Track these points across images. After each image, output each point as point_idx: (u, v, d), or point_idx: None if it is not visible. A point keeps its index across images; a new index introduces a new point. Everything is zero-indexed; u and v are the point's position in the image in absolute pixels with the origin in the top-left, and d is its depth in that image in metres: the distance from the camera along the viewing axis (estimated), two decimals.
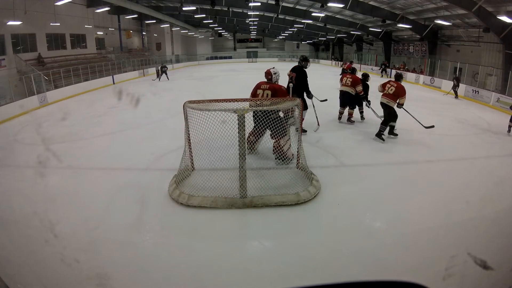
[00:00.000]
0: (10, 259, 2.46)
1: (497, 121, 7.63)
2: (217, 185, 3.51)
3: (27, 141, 6.40)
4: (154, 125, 7.17)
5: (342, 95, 6.71)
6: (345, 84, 6.58)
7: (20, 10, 12.50)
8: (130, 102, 9.88)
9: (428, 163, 4.78)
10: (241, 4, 17.97)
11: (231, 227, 3.10)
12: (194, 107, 3.63)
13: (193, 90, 12.26)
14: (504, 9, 10.07)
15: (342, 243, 2.81)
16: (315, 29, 24.75)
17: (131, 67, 19.63)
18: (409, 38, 18.28)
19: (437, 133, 6.08)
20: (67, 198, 3.64)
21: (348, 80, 6.53)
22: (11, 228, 3.07)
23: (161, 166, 4.57)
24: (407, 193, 3.77)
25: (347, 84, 6.53)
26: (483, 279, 1.65)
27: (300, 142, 4.08)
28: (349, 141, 5.73)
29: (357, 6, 14.33)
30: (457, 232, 2.92)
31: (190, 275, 2.42)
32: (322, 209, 3.35)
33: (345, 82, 6.58)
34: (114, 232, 2.97)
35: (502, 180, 4.10)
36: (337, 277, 2.31)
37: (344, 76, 6.77)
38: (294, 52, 36.84)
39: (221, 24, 28.49)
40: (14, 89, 10.62)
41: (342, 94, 6.70)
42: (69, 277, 2.31)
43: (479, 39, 12.87)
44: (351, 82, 6.50)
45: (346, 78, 6.61)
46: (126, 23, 23.12)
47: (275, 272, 2.43)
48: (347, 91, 6.54)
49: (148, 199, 3.57)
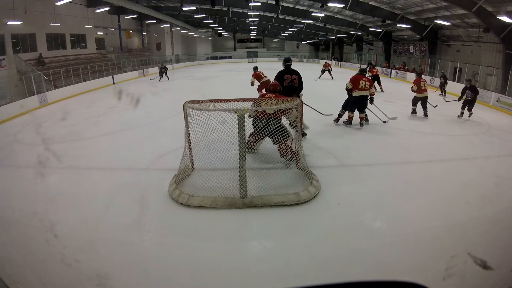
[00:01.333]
0: (10, 259, 2.46)
1: (497, 121, 7.63)
2: (217, 185, 3.52)
3: (27, 141, 6.40)
4: (154, 125, 7.17)
5: (362, 100, 6.22)
6: (363, 88, 6.13)
7: (20, 10, 12.51)
8: (130, 102, 9.88)
9: (428, 163, 4.78)
10: (241, 4, 17.98)
11: (231, 227, 3.10)
12: (194, 107, 3.63)
13: (193, 90, 12.26)
14: (504, 9, 10.06)
15: (342, 243, 2.81)
16: (315, 29, 24.75)
17: (131, 67, 19.62)
18: (409, 38, 18.28)
19: (437, 133, 6.08)
20: (67, 198, 3.64)
21: (367, 83, 6.17)
22: (11, 228, 3.07)
23: (161, 166, 4.57)
24: (407, 193, 3.77)
25: (366, 87, 6.15)
26: (483, 279, 1.65)
27: (300, 142, 4.08)
28: (349, 141, 5.73)
29: (357, 6, 14.34)
30: (457, 232, 2.92)
31: (190, 275, 2.42)
32: (322, 209, 3.35)
33: (364, 85, 6.13)
34: (114, 232, 2.97)
35: (502, 180, 4.10)
36: (337, 277, 2.31)
37: (360, 79, 6.21)
38: (294, 52, 36.84)
39: (221, 24, 28.48)
40: (14, 89, 10.61)
41: (361, 98, 6.21)
42: (69, 277, 2.31)
43: (479, 39, 12.87)
44: (369, 85, 6.19)
45: (364, 81, 6.18)
46: (126, 23, 23.12)
47: (275, 272, 2.43)
48: (366, 95, 6.20)
49: (148, 199, 3.57)
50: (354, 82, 6.23)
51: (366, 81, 6.20)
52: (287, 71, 5.28)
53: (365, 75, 6.42)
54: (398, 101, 9.38)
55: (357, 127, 6.47)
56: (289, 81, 5.18)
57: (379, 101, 8.90)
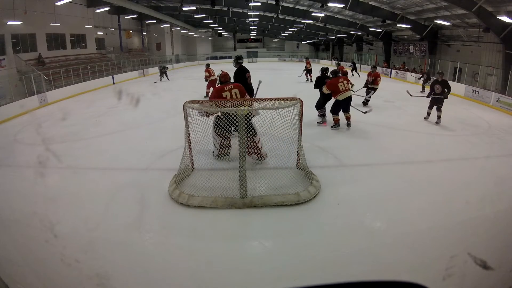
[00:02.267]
0: (10, 259, 2.46)
1: (497, 121, 7.63)
2: (217, 185, 3.52)
3: (27, 141, 6.40)
4: (154, 125, 7.16)
5: (346, 102, 6.10)
6: (345, 89, 6.01)
7: (20, 10, 12.51)
8: (130, 102, 9.87)
9: (428, 163, 4.78)
10: (241, 4, 17.97)
11: (231, 227, 3.10)
12: (194, 107, 3.64)
13: (193, 90, 12.25)
14: (504, 9, 10.06)
15: (342, 243, 2.81)
16: (315, 29, 24.74)
17: (131, 67, 19.62)
18: (409, 38, 18.27)
19: (437, 133, 6.08)
20: (67, 198, 3.65)
21: (345, 83, 6.06)
22: (11, 228, 3.08)
23: (161, 166, 4.57)
24: (407, 193, 3.77)
25: (347, 88, 6.06)
26: (483, 279, 1.65)
27: (300, 142, 4.08)
28: (349, 141, 5.73)
29: (357, 6, 14.32)
30: (457, 232, 2.92)
31: (190, 275, 2.42)
32: (322, 209, 3.35)
33: (346, 86, 6.02)
34: (114, 232, 2.97)
35: (502, 180, 4.10)
36: (337, 277, 2.31)
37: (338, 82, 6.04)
38: (294, 52, 36.85)
39: (221, 24, 28.48)
40: (14, 89, 10.61)
41: (346, 101, 6.07)
42: (69, 277, 2.31)
43: (479, 39, 12.86)
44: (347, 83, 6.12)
45: (342, 82, 6.03)
46: (126, 23, 23.13)
47: (275, 272, 2.43)
48: (350, 95, 6.11)
49: (148, 199, 3.57)
50: (333, 86, 6.05)
51: (344, 81, 6.07)
52: (245, 69, 5.65)
53: (340, 75, 6.30)
54: (398, 101, 9.39)
55: (357, 127, 6.46)
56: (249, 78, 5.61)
57: (379, 101, 8.93)
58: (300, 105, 3.90)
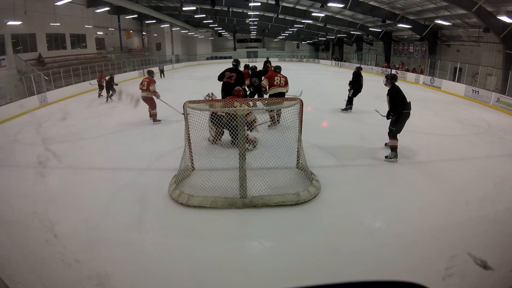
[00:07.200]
0: (10, 259, 2.46)
1: (497, 121, 7.63)
2: (217, 185, 3.52)
3: (27, 141, 6.39)
4: (154, 125, 7.16)
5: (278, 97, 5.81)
6: (279, 84, 5.97)
7: (20, 10, 12.51)
8: (130, 102, 9.87)
9: (428, 163, 4.78)
10: (241, 4, 17.97)
11: (231, 227, 3.10)
12: (194, 107, 3.64)
13: (193, 90, 12.25)
14: (504, 9, 10.06)
15: (342, 243, 2.81)
16: (315, 29, 24.75)
17: (131, 67, 19.63)
18: (409, 38, 18.28)
19: (437, 133, 6.07)
20: (67, 198, 3.64)
21: (282, 79, 6.04)
22: (11, 228, 3.07)
23: (161, 166, 4.57)
24: (407, 193, 3.77)
25: (282, 84, 6.02)
26: (483, 279, 1.65)
27: (300, 142, 4.07)
28: (349, 141, 5.73)
29: (357, 6, 14.33)
30: (457, 232, 2.92)
31: (190, 275, 2.42)
32: (322, 209, 3.35)
33: (279, 82, 5.97)
34: (114, 232, 2.97)
35: (502, 180, 4.10)
36: (337, 277, 2.31)
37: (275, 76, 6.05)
38: (294, 52, 36.87)
39: (221, 24, 28.49)
40: (14, 89, 10.61)
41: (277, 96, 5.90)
42: (69, 277, 2.31)
43: (479, 39, 12.86)
44: (284, 82, 6.09)
45: (279, 77, 6.03)
46: (126, 23, 23.13)
47: (275, 272, 2.43)
48: (283, 92, 6.06)
49: (148, 199, 3.57)
50: (270, 78, 6.09)
51: (281, 78, 6.08)
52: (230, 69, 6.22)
53: (280, 73, 6.23)
54: None
55: (357, 127, 6.46)
56: (227, 77, 6.06)
57: (379, 101, 8.91)
58: (300, 105, 3.90)
